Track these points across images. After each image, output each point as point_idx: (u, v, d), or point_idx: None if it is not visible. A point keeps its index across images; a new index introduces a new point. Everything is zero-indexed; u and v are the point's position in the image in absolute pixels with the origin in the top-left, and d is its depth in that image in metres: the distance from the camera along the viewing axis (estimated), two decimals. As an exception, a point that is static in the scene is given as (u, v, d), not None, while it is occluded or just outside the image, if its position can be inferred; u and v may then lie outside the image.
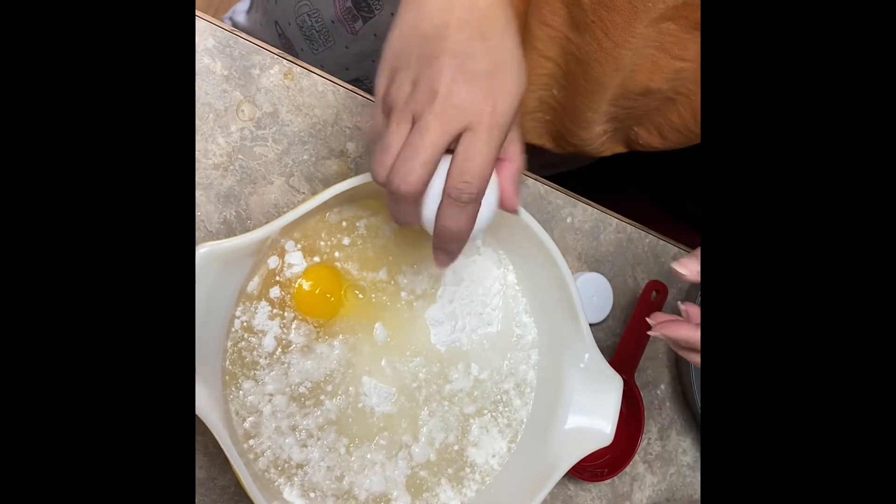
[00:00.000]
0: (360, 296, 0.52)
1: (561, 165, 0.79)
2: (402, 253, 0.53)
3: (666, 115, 0.64)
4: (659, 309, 0.65)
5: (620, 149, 0.71)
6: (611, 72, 0.57)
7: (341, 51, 0.71)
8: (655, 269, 0.67)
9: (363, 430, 0.51)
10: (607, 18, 0.53)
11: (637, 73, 0.58)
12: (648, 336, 0.66)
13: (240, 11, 0.96)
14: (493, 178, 0.44)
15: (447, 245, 0.43)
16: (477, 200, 0.41)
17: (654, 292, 0.65)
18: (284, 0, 0.72)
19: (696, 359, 0.46)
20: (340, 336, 0.51)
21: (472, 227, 0.42)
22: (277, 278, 0.50)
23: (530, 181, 0.63)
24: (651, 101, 0.62)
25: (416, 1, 0.40)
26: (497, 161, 0.42)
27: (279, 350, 0.50)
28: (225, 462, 0.52)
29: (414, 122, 0.39)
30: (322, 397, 0.50)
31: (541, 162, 0.73)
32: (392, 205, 0.42)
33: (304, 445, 0.50)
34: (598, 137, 0.68)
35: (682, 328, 0.45)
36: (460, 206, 0.41)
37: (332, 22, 0.69)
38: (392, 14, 0.66)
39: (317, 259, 0.51)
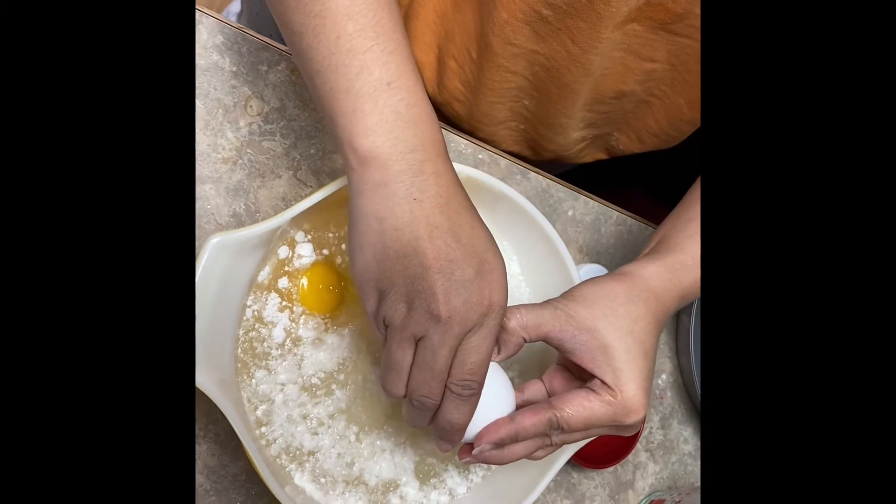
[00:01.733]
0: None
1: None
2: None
3: (642, 119, 0.65)
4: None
5: (601, 155, 0.72)
6: (581, 77, 0.58)
7: None
8: (656, 261, 0.68)
9: (372, 418, 0.52)
10: (573, 25, 0.54)
11: (608, 77, 0.59)
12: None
13: (232, 13, 0.98)
14: (506, 379, 0.46)
15: (451, 436, 0.44)
16: (478, 393, 0.43)
17: (654, 283, 0.66)
18: (265, 15, 0.73)
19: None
20: (350, 326, 0.52)
21: (472, 416, 0.43)
22: (286, 268, 0.51)
23: (532, 175, 0.64)
24: (626, 104, 0.63)
25: (372, 215, 0.40)
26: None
27: (289, 341, 0.51)
28: (236, 450, 0.53)
29: (417, 341, 0.41)
30: (333, 386, 0.51)
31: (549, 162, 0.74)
32: (412, 414, 0.44)
33: (315, 433, 0.51)
34: (577, 144, 0.69)
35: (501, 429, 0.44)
36: (463, 400, 0.42)
37: None
38: None
39: (325, 252, 0.52)
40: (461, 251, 0.40)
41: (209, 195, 0.54)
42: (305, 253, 0.51)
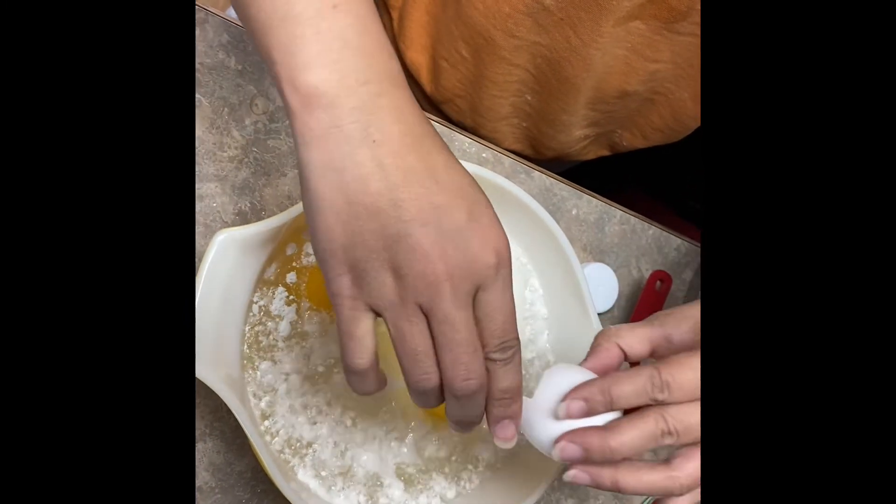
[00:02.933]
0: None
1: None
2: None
3: (647, 116, 0.65)
4: (663, 298, 0.66)
5: (604, 152, 0.72)
6: (582, 72, 0.58)
7: None
8: (659, 260, 0.68)
9: (367, 406, 0.52)
10: (575, 15, 0.54)
11: (611, 76, 0.59)
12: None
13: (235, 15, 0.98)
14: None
15: (509, 408, 0.38)
16: (518, 349, 0.37)
17: (658, 282, 0.66)
18: None
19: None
20: None
21: (520, 373, 0.38)
22: (294, 264, 0.51)
23: (536, 174, 0.65)
24: (630, 103, 0.63)
25: (327, 167, 0.33)
26: None
27: (295, 334, 0.51)
28: (242, 447, 0.53)
29: (425, 312, 0.34)
30: (335, 369, 0.51)
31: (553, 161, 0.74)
32: (462, 410, 0.37)
33: (314, 423, 0.51)
34: (579, 142, 0.69)
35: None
36: (507, 362, 0.36)
37: None
38: None
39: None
40: (445, 194, 0.34)
41: (215, 193, 0.54)
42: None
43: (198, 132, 0.54)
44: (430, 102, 0.68)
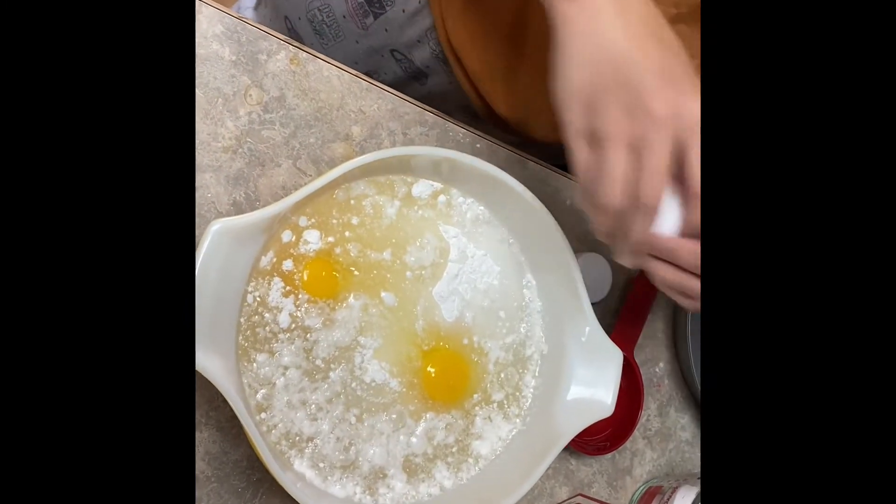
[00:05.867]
0: (356, 272, 0.53)
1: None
2: (406, 232, 0.55)
3: None
4: (656, 288, 0.67)
5: None
6: None
7: (351, 46, 0.72)
8: (653, 250, 0.69)
9: (371, 405, 0.52)
10: None
11: None
12: (647, 314, 0.67)
13: (246, 7, 0.97)
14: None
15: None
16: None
17: (651, 272, 0.66)
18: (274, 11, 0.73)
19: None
20: (351, 297, 0.53)
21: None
22: (292, 251, 0.51)
23: (530, 164, 0.65)
24: None
25: (581, 33, 0.42)
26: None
27: (294, 326, 0.51)
28: (237, 437, 0.53)
29: (634, 148, 0.42)
30: (342, 363, 0.52)
31: (548, 153, 0.75)
32: (627, 225, 0.45)
33: (315, 419, 0.51)
34: None
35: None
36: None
37: (344, 17, 0.70)
38: (403, 11, 0.67)
39: (331, 239, 0.52)
40: (674, 57, 0.42)
41: (209, 184, 0.54)
42: (312, 239, 0.51)
43: (192, 123, 0.54)
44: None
